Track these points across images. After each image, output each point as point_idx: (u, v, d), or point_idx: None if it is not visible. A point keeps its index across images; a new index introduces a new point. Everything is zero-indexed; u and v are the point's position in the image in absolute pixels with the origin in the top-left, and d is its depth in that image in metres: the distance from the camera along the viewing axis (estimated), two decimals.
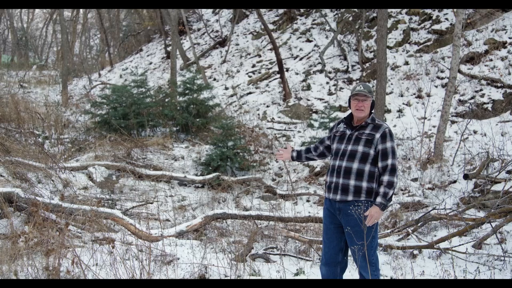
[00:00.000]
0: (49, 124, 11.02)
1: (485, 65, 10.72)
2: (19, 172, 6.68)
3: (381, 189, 3.23)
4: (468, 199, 6.83)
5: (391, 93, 11.33)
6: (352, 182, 3.28)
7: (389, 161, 3.26)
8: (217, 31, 20.26)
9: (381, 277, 4.32)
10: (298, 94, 12.87)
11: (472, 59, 11.03)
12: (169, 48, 18.72)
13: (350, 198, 3.28)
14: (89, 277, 3.75)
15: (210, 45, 19.10)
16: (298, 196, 7.99)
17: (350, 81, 12.74)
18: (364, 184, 3.28)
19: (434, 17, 13.06)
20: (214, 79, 15.92)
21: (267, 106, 12.90)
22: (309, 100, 12.48)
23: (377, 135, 3.30)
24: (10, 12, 28.65)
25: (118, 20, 27.54)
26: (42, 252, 3.98)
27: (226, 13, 21.84)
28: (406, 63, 12.22)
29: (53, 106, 13.39)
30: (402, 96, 11.20)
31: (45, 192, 6.21)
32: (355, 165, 3.29)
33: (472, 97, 10.09)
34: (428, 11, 13.35)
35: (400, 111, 10.70)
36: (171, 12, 14.78)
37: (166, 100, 11.71)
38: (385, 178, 3.24)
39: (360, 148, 3.30)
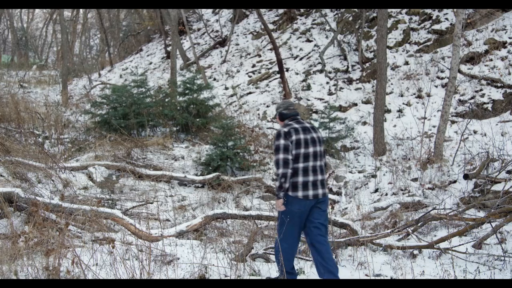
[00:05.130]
0: (49, 124, 11.01)
1: (485, 65, 10.72)
2: (19, 172, 6.68)
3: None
4: (468, 199, 6.83)
5: (391, 93, 11.33)
6: None
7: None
8: (217, 31, 20.25)
9: (381, 277, 4.32)
10: (298, 94, 12.87)
11: (472, 59, 11.03)
12: (169, 48, 18.72)
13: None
14: (89, 277, 3.75)
15: (210, 45, 19.10)
16: None
17: (350, 81, 12.74)
18: None
19: (434, 17, 13.05)
20: (214, 79, 15.92)
21: (267, 106, 12.89)
22: (309, 100, 12.48)
23: None
24: (10, 12, 28.66)
25: (118, 20, 27.54)
26: (42, 252, 3.98)
27: (226, 13, 21.84)
28: (406, 63, 12.21)
29: (53, 106, 13.40)
30: (402, 96, 11.20)
31: (45, 192, 6.22)
32: None
33: (472, 97, 10.09)
34: (428, 11, 13.34)
35: (400, 111, 10.70)
36: (171, 12, 14.78)
37: (166, 100, 11.70)
38: None
39: None
